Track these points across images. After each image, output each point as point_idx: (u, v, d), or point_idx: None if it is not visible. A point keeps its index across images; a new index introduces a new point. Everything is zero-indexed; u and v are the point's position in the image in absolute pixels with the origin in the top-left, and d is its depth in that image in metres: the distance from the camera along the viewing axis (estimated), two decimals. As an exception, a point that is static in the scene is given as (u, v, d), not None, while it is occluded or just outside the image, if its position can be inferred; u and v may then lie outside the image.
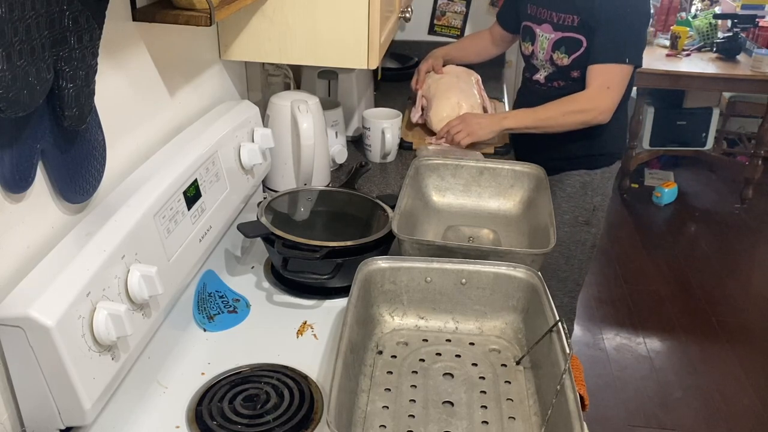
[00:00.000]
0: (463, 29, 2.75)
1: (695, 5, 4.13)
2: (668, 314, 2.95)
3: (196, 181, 1.11)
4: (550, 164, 1.53)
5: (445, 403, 0.95)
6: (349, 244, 1.18)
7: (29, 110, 0.71)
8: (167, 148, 1.13)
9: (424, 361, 1.03)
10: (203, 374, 1.02)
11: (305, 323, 1.14)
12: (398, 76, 2.42)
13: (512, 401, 0.96)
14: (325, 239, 1.17)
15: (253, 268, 1.31)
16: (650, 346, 2.75)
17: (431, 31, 2.77)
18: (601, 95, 1.67)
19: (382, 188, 1.64)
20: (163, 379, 1.00)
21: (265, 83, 1.70)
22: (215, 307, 1.17)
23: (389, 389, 0.97)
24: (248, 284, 1.26)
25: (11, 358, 0.79)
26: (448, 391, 0.97)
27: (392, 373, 1.01)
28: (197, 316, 1.14)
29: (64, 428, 0.84)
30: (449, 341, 1.08)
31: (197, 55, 1.31)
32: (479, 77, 2.02)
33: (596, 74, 1.66)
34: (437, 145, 1.81)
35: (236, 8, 1.11)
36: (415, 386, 0.98)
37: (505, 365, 1.03)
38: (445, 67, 2.02)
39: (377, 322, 1.10)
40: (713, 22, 3.69)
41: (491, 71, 2.45)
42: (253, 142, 1.35)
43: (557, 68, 1.75)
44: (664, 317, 2.94)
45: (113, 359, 0.86)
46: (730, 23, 3.75)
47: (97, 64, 0.83)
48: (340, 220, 1.40)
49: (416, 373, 1.01)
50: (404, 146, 1.85)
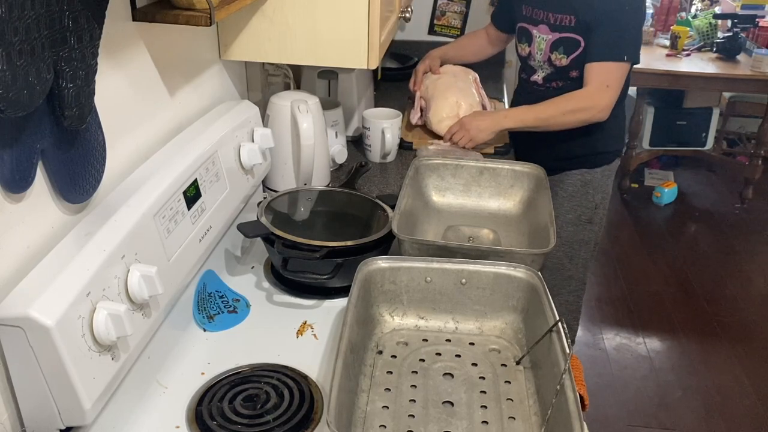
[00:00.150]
0: (463, 29, 2.74)
1: (695, 5, 4.13)
2: (668, 314, 2.95)
3: (196, 181, 1.11)
4: (550, 164, 1.53)
5: (445, 403, 0.95)
6: (349, 244, 1.18)
7: (29, 110, 0.71)
8: (167, 148, 1.13)
9: (424, 361, 1.03)
10: (203, 374, 1.02)
11: (305, 323, 1.14)
12: (398, 76, 2.42)
13: (512, 401, 0.96)
14: (325, 239, 1.17)
15: (253, 268, 1.31)
16: (650, 346, 2.75)
17: (431, 31, 2.77)
18: (599, 93, 1.67)
19: (382, 188, 1.64)
20: (163, 379, 1.00)
21: (265, 83, 1.69)
22: (215, 307, 1.17)
23: (389, 389, 0.97)
24: (248, 284, 1.26)
25: (11, 358, 0.79)
26: (448, 391, 0.97)
27: (392, 373, 1.01)
28: (197, 316, 1.14)
29: (64, 428, 0.84)
30: (449, 341, 1.08)
31: (197, 55, 1.31)
32: (477, 75, 2.02)
33: (594, 73, 1.66)
34: (437, 144, 1.81)
35: (236, 8, 1.11)
36: (415, 386, 0.98)
37: (505, 365, 1.03)
38: (442, 67, 2.02)
39: (377, 322, 1.10)
40: (713, 22, 3.69)
41: (491, 71, 2.45)
42: (253, 142, 1.35)
43: (555, 69, 1.75)
44: (664, 317, 2.94)
45: (113, 359, 0.86)
46: (730, 23, 3.75)
47: (97, 64, 0.83)
48: (340, 220, 1.40)
49: (416, 373, 1.01)
50: (404, 146, 1.85)
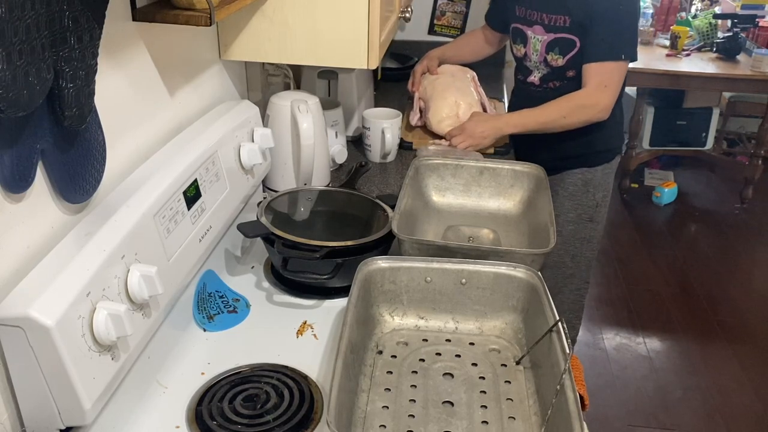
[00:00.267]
0: (463, 29, 2.74)
1: (695, 5, 4.13)
2: (668, 314, 2.95)
3: (196, 181, 1.11)
4: (550, 164, 1.53)
5: (445, 403, 0.95)
6: (349, 244, 1.18)
7: (29, 110, 0.71)
8: (167, 148, 1.13)
9: (424, 361, 1.03)
10: (203, 374, 1.02)
11: (305, 323, 1.14)
12: (398, 76, 2.42)
13: (512, 401, 0.96)
14: (325, 239, 1.17)
15: (253, 268, 1.31)
16: (650, 346, 2.75)
17: (431, 31, 2.77)
18: (599, 93, 1.67)
19: (382, 188, 1.64)
20: (163, 379, 1.00)
21: (265, 83, 1.69)
22: (215, 307, 1.17)
23: (389, 389, 0.97)
24: (248, 284, 1.26)
25: (11, 358, 0.79)
26: (448, 391, 0.97)
27: (392, 373, 1.01)
28: (197, 316, 1.14)
29: (64, 428, 0.84)
30: (449, 341, 1.08)
31: (197, 55, 1.31)
32: (475, 74, 2.02)
33: (593, 73, 1.66)
34: (437, 144, 1.81)
35: (236, 8, 1.11)
36: (415, 386, 0.98)
37: (505, 365, 1.03)
38: (440, 67, 2.02)
39: (377, 322, 1.10)
40: (713, 22, 3.69)
41: (490, 71, 2.45)
42: (253, 142, 1.35)
43: (552, 69, 1.75)
44: (664, 317, 2.94)
45: (113, 359, 0.86)
46: (730, 23, 3.75)
47: (97, 64, 0.83)
48: (340, 220, 1.40)
49: (416, 373, 1.01)
50: (404, 146, 1.85)
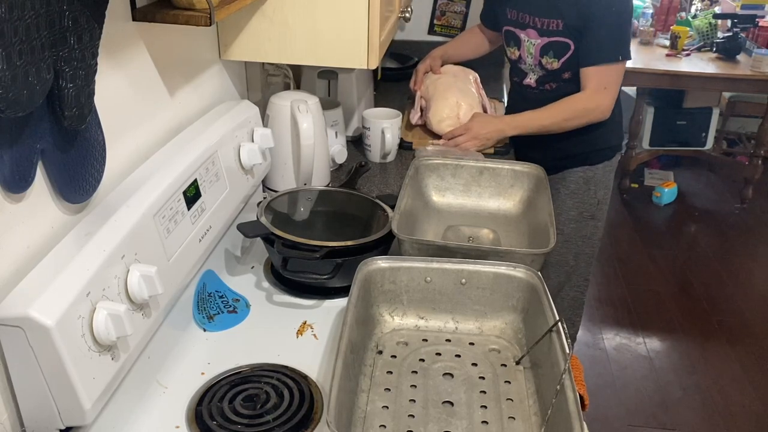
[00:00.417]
0: (463, 29, 2.73)
1: (695, 5, 4.13)
2: (668, 314, 2.95)
3: (195, 181, 1.11)
4: (551, 163, 1.53)
5: (445, 403, 0.95)
6: (349, 244, 1.18)
7: (29, 110, 0.71)
8: (167, 148, 1.13)
9: (424, 361, 1.03)
10: (203, 374, 1.02)
11: (305, 323, 1.14)
12: (398, 76, 2.42)
13: (512, 401, 0.96)
14: (325, 239, 1.17)
15: (252, 268, 1.31)
16: (650, 346, 2.75)
17: (431, 31, 2.77)
18: (599, 95, 1.67)
19: (382, 188, 1.64)
20: (162, 379, 1.00)
21: (265, 83, 1.69)
22: (215, 307, 1.17)
23: (389, 389, 0.97)
24: (248, 284, 1.26)
25: (11, 358, 0.79)
26: (448, 391, 0.97)
27: (392, 373, 1.01)
28: (197, 316, 1.14)
29: (64, 428, 0.84)
30: (449, 341, 1.08)
31: (197, 55, 1.31)
32: (477, 76, 2.02)
33: (591, 76, 1.66)
34: (437, 144, 1.81)
35: (236, 8, 1.11)
36: (415, 386, 0.98)
37: (505, 365, 1.03)
38: (442, 67, 2.02)
39: (377, 322, 1.10)
40: (713, 22, 3.69)
41: (491, 71, 2.45)
42: (252, 142, 1.35)
43: (548, 72, 1.75)
44: (664, 317, 2.94)
45: (113, 359, 0.86)
46: (729, 23, 3.75)
47: (97, 64, 0.83)
48: (340, 220, 1.40)
49: (416, 373, 1.01)
50: (404, 146, 1.85)
